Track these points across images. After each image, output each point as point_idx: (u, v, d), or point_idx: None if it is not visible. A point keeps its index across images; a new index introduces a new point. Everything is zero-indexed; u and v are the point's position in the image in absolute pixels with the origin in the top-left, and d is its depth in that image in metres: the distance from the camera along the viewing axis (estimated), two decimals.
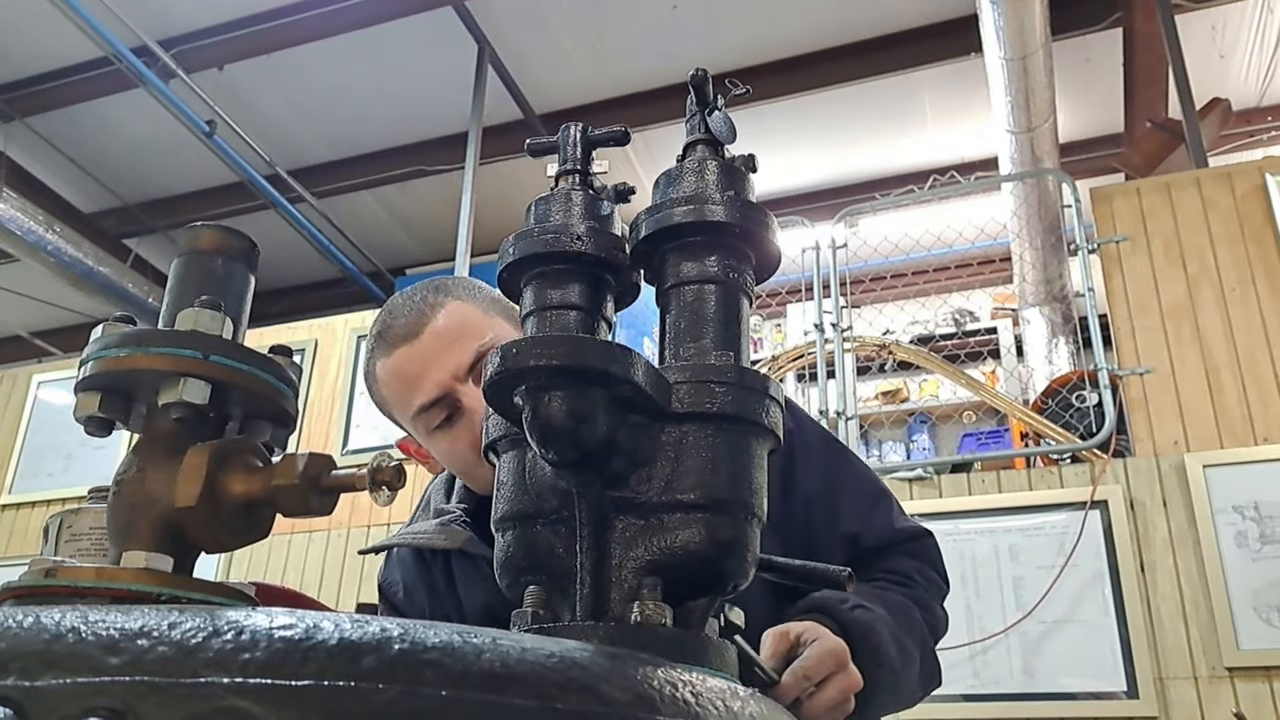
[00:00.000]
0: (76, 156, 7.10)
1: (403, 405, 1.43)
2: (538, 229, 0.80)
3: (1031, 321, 6.61)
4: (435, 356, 1.40)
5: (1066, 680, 3.58)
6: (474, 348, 1.40)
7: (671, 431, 0.72)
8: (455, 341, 1.40)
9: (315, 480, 0.70)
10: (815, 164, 7.30)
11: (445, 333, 1.41)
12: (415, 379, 1.40)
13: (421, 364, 1.40)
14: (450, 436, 1.41)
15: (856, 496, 1.51)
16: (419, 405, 1.40)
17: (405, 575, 1.54)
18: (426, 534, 1.47)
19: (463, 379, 1.39)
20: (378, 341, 1.46)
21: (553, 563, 0.73)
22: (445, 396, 1.39)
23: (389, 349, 1.43)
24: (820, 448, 1.53)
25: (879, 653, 1.19)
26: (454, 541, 1.44)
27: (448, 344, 1.40)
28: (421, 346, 1.40)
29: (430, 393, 1.39)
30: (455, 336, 1.41)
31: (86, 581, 0.64)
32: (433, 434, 1.43)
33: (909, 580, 1.45)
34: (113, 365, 0.70)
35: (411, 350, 1.41)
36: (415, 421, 1.43)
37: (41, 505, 5.31)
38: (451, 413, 1.40)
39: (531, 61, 6.38)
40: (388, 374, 1.44)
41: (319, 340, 5.24)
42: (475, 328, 1.42)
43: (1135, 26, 5.71)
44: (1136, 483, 3.75)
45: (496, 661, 0.44)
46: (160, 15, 5.93)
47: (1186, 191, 4.21)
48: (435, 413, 1.40)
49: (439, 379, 1.39)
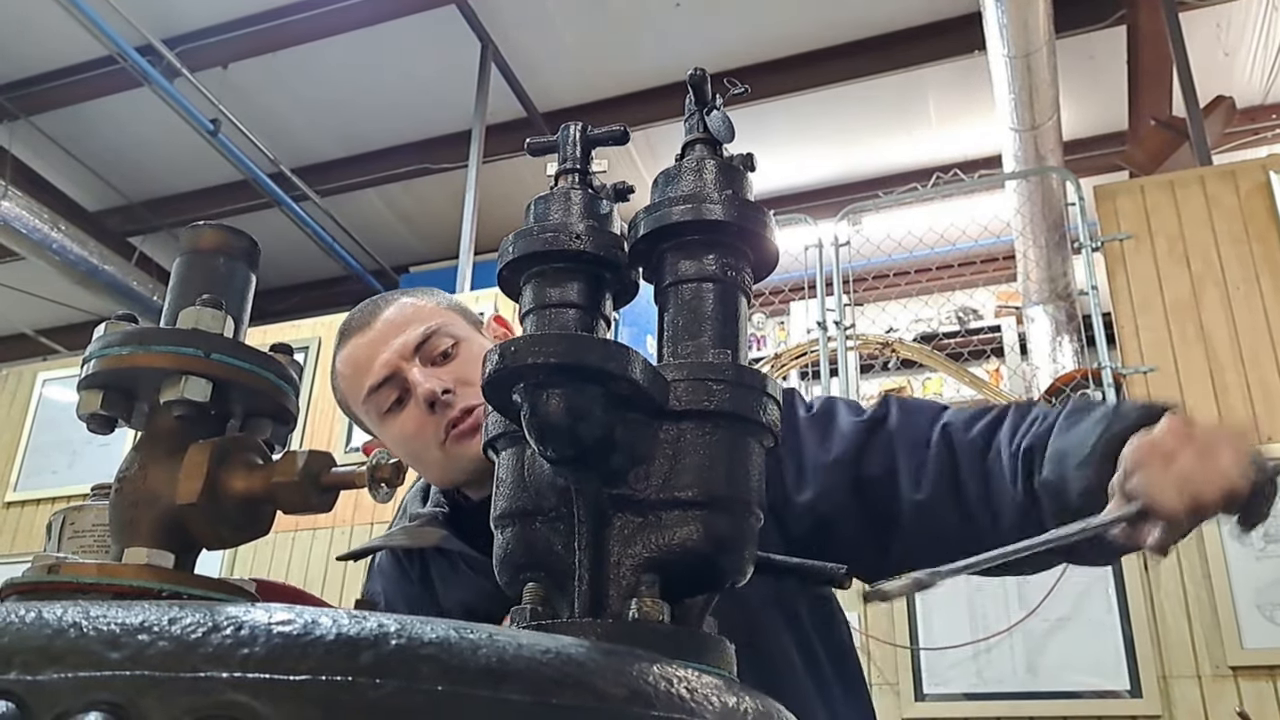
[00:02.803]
0: (82, 155, 7.11)
1: (355, 392, 1.47)
2: (537, 227, 0.80)
3: (1035, 320, 6.61)
4: (384, 340, 1.44)
5: (1070, 679, 3.58)
6: (421, 329, 1.44)
7: (669, 429, 0.72)
8: (403, 326, 1.45)
9: (315, 477, 0.71)
10: (818, 161, 7.30)
11: (394, 319, 1.47)
12: (366, 363, 1.45)
13: (371, 349, 1.45)
14: (399, 420, 1.44)
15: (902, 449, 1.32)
16: (369, 387, 1.44)
17: (386, 586, 1.55)
18: (398, 538, 1.48)
19: (409, 358, 1.43)
20: (338, 340, 1.52)
21: (551, 559, 0.73)
22: (393, 376, 1.43)
23: (344, 341, 1.49)
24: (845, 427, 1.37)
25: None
26: (428, 540, 1.44)
27: (396, 328, 1.45)
28: (371, 334, 1.46)
29: (379, 373, 1.43)
30: (404, 322, 1.46)
31: (88, 577, 0.64)
32: (384, 419, 1.45)
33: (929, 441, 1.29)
34: (115, 363, 0.71)
35: (362, 338, 1.46)
36: (367, 407, 1.46)
37: (46, 502, 5.32)
38: (401, 394, 1.43)
39: (535, 60, 6.38)
40: (343, 364, 1.49)
41: (323, 338, 5.24)
42: (423, 314, 1.47)
43: (1139, 24, 5.71)
44: None
45: (493, 657, 0.45)
46: (165, 14, 5.94)
47: (1190, 189, 4.20)
48: (385, 393, 1.43)
49: (386, 358, 1.43)
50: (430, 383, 1.40)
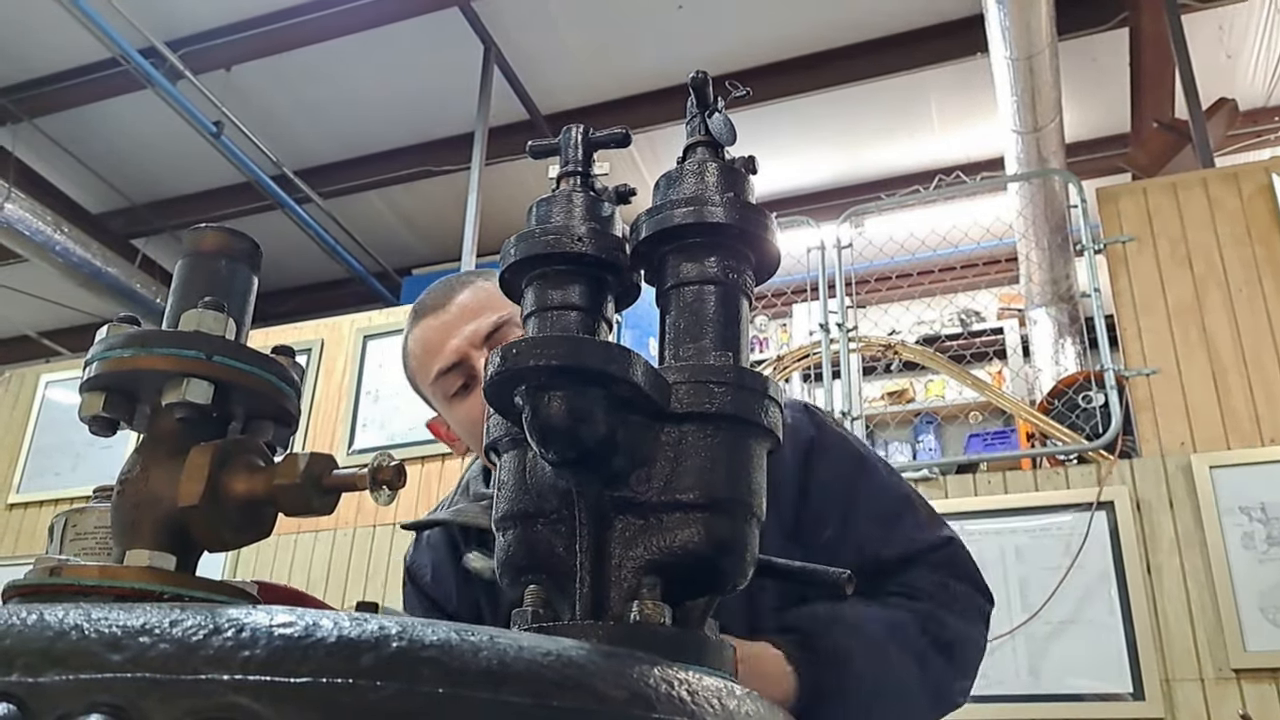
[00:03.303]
0: (85, 157, 7.12)
1: (424, 372, 1.51)
2: (539, 230, 0.80)
3: (1038, 322, 6.61)
4: (457, 325, 1.48)
5: (1072, 681, 3.57)
6: (493, 319, 1.48)
7: (671, 431, 0.72)
8: (476, 312, 1.49)
9: (316, 480, 0.71)
10: (821, 164, 7.30)
11: (468, 304, 1.50)
12: (437, 346, 1.48)
13: (444, 332, 1.49)
14: (465, 405, 1.47)
15: (873, 511, 1.43)
16: (438, 370, 1.48)
17: (435, 559, 1.56)
18: (470, 514, 1.50)
19: (479, 346, 1.46)
20: (411, 318, 1.56)
21: (553, 562, 0.74)
22: (461, 362, 1.46)
23: (418, 320, 1.53)
24: (838, 456, 1.46)
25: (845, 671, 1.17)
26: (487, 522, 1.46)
27: (470, 314, 1.49)
28: (446, 316, 1.50)
29: (448, 358, 1.47)
30: (477, 308, 1.49)
31: (90, 580, 0.64)
32: (450, 401, 1.49)
33: (920, 594, 1.37)
34: (117, 365, 0.71)
35: (436, 320, 1.50)
36: (434, 388, 1.50)
37: (48, 504, 5.33)
38: (468, 380, 1.47)
39: (537, 62, 6.38)
40: (415, 343, 1.53)
41: (325, 340, 5.24)
42: (497, 302, 1.49)
43: (1142, 26, 5.70)
44: (1143, 484, 3.75)
45: (493, 659, 0.45)
46: (167, 16, 5.95)
47: (1193, 192, 4.20)
48: (452, 378, 1.47)
49: (457, 345, 1.47)
50: None
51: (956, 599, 1.41)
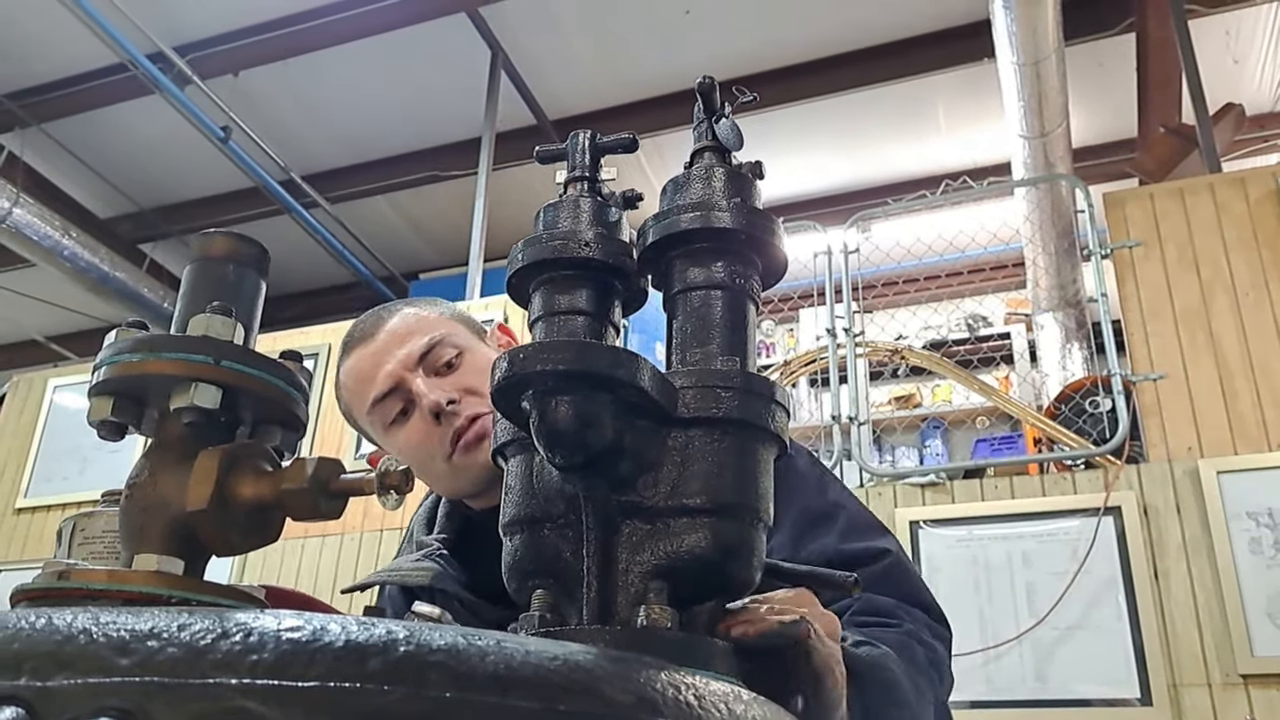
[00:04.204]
0: (92, 162, 7.14)
1: (360, 402, 1.48)
2: (546, 235, 0.80)
3: (1045, 327, 6.60)
4: (388, 350, 1.45)
5: (1079, 687, 3.56)
6: (425, 340, 1.45)
7: (678, 436, 0.72)
8: (406, 337, 1.46)
9: (324, 484, 0.71)
10: (827, 169, 7.30)
11: (397, 329, 1.48)
12: (370, 374, 1.46)
13: (375, 360, 1.46)
14: (405, 430, 1.45)
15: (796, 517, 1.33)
16: (373, 398, 1.45)
17: (395, 611, 1.53)
18: (401, 571, 1.46)
19: (413, 368, 1.44)
20: (341, 350, 1.53)
21: (559, 567, 0.73)
22: (397, 387, 1.44)
23: (348, 353, 1.51)
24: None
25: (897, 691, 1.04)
26: (420, 580, 1.42)
27: (400, 339, 1.46)
28: (376, 345, 1.47)
29: (383, 384, 1.44)
30: (406, 332, 1.47)
31: (98, 584, 0.64)
32: (389, 430, 1.46)
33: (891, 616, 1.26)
34: (125, 370, 0.71)
35: (366, 349, 1.47)
36: (372, 417, 1.47)
37: (57, 509, 5.34)
38: (405, 405, 1.44)
39: (544, 67, 6.39)
40: (346, 375, 1.50)
41: (332, 345, 5.24)
42: (427, 324, 1.48)
43: (1148, 31, 5.70)
44: (1150, 489, 3.74)
45: (501, 664, 0.45)
46: (175, 22, 5.97)
47: (1200, 196, 4.20)
48: (390, 404, 1.45)
49: (390, 369, 1.44)
50: (435, 394, 1.41)
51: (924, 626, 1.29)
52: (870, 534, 1.36)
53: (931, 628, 1.30)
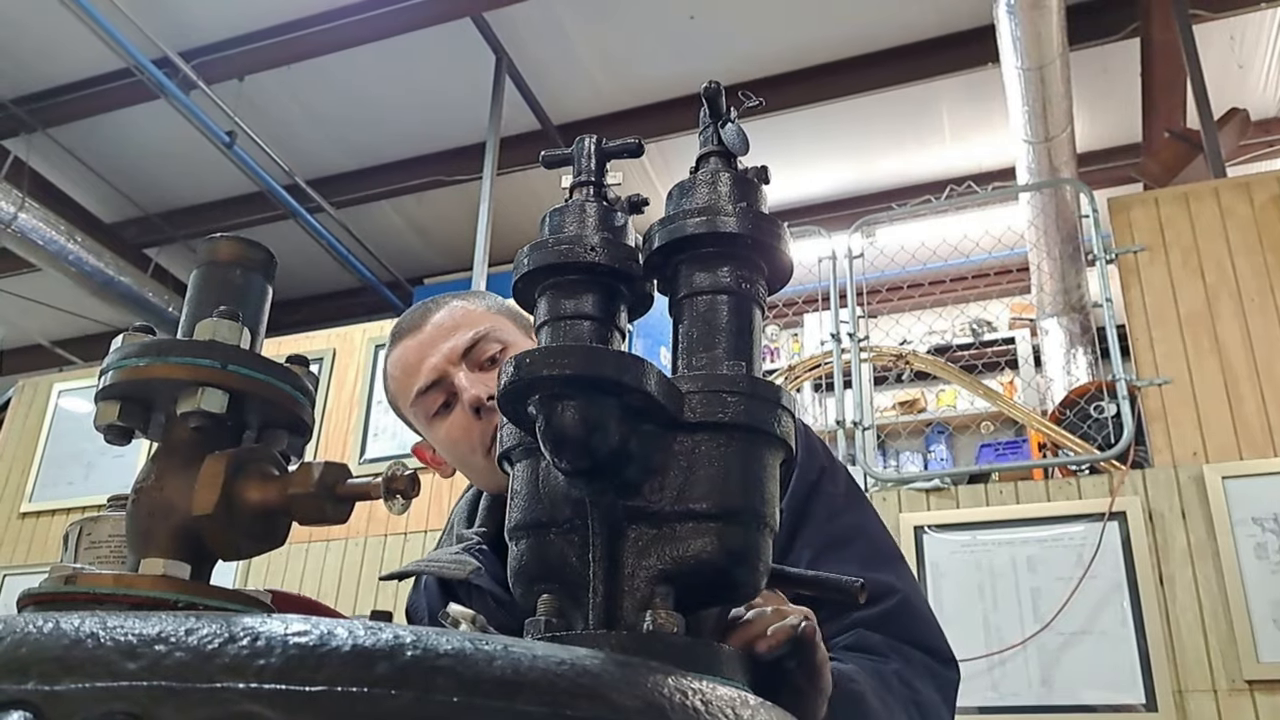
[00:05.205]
0: (98, 167, 7.16)
1: (404, 394, 1.50)
2: (552, 240, 0.80)
3: (1049, 332, 6.60)
4: (433, 343, 1.47)
5: (1085, 692, 3.55)
6: (470, 334, 1.47)
7: (684, 441, 0.72)
8: (452, 330, 1.48)
9: (331, 489, 0.71)
10: (832, 173, 7.30)
11: (443, 323, 1.49)
12: (415, 365, 1.48)
13: (421, 352, 1.48)
14: (447, 423, 1.46)
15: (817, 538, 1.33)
16: (417, 390, 1.47)
17: (430, 602, 1.54)
18: (440, 562, 1.48)
19: (456, 362, 1.45)
20: (389, 341, 1.55)
21: (566, 571, 0.73)
22: (441, 380, 1.45)
23: (395, 343, 1.53)
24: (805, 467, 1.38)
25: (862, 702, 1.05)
26: (459, 573, 1.44)
27: (446, 332, 1.48)
28: (422, 336, 1.49)
29: (427, 376, 1.46)
30: (453, 326, 1.49)
31: (105, 588, 0.64)
32: (432, 421, 1.48)
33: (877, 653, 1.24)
34: (132, 374, 0.71)
35: (413, 340, 1.49)
36: (415, 409, 1.49)
37: (62, 513, 5.34)
38: (448, 398, 1.46)
39: (549, 72, 6.40)
40: (393, 365, 1.52)
41: (337, 349, 5.25)
42: (473, 319, 1.50)
43: (1153, 36, 5.70)
44: (1155, 494, 3.73)
45: (508, 668, 0.45)
46: (181, 27, 5.98)
47: (1205, 201, 4.19)
48: (432, 397, 1.46)
49: (435, 363, 1.46)
50: (476, 388, 1.42)
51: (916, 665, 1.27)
52: (884, 567, 1.34)
53: (931, 669, 1.28)
